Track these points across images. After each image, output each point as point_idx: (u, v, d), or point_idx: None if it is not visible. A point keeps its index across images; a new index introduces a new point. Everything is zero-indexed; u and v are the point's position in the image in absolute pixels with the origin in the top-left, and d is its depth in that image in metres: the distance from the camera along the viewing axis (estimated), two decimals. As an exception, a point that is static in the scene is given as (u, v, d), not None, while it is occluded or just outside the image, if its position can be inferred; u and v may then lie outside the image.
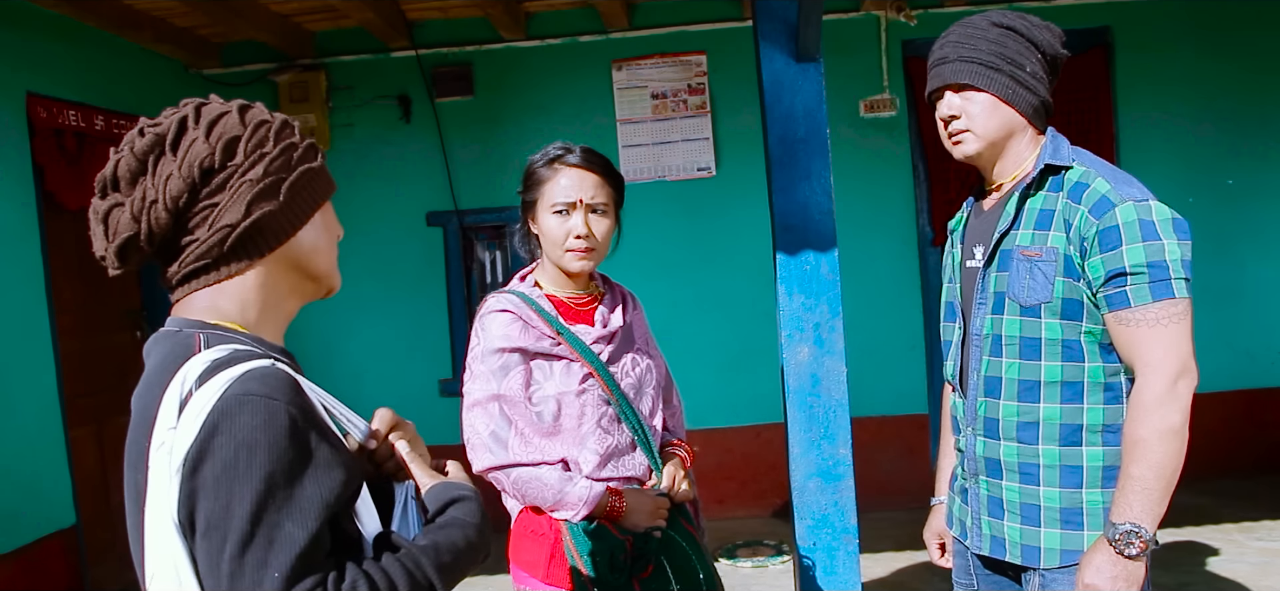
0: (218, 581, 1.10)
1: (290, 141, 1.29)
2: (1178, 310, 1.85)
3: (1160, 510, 1.85)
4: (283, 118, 1.31)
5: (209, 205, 1.22)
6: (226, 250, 1.23)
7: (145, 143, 1.22)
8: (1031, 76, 2.04)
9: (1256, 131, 5.78)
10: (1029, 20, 2.07)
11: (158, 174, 1.20)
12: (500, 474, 2.16)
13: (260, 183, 1.23)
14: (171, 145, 1.21)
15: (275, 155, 1.26)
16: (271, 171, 1.25)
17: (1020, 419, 2.00)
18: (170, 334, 1.23)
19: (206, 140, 1.22)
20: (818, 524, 3.31)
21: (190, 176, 1.20)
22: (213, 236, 1.22)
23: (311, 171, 1.31)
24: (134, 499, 1.19)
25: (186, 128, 1.23)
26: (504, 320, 2.19)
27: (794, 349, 3.29)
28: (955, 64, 2.06)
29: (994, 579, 2.16)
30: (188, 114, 1.25)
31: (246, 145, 1.24)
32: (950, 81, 2.07)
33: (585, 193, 2.18)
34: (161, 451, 1.12)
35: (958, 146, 2.09)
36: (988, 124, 2.04)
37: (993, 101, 2.03)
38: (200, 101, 1.28)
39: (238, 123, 1.25)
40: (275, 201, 1.25)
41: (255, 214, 1.23)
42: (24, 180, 4.35)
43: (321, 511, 1.12)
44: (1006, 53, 2.03)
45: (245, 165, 1.23)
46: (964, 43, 2.06)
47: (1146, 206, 1.88)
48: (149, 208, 1.19)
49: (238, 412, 1.10)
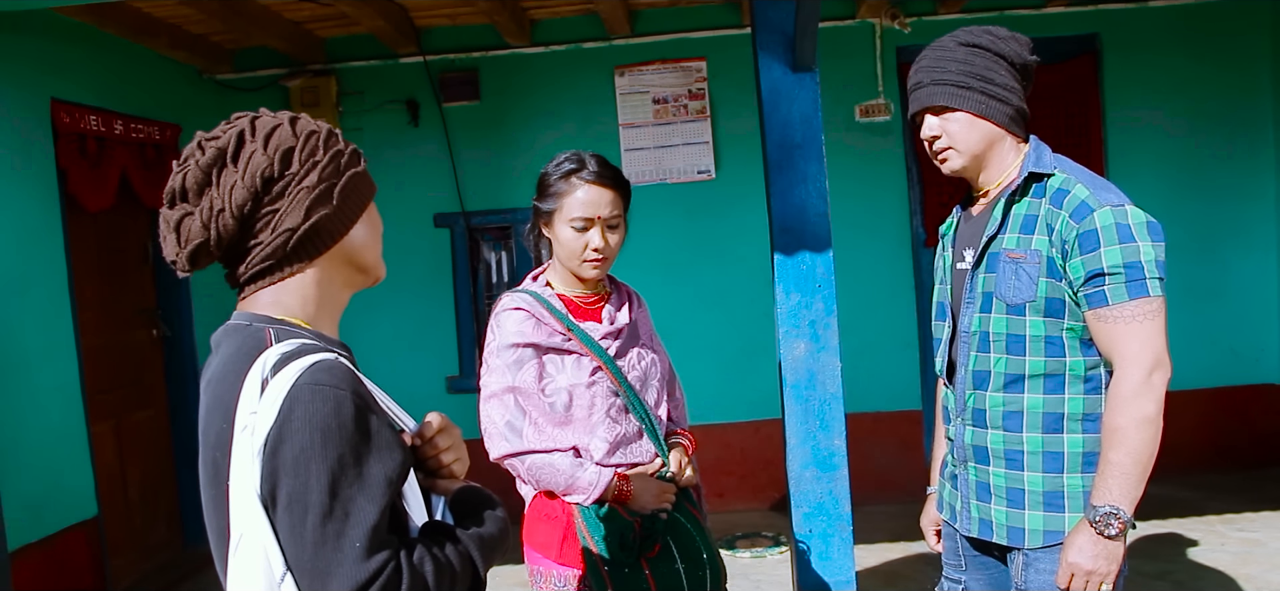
0: (301, 550, 1.21)
1: (337, 149, 1.40)
2: (1152, 307, 1.96)
3: (1137, 493, 1.97)
4: (328, 127, 1.42)
5: (271, 211, 1.34)
6: (289, 251, 1.35)
7: (208, 156, 1.33)
8: (1002, 88, 2.13)
9: (1241, 134, 5.88)
10: (994, 34, 2.16)
11: (222, 184, 1.32)
12: (515, 460, 2.28)
13: (316, 189, 1.35)
14: (232, 157, 1.33)
15: (326, 162, 1.37)
16: (324, 178, 1.36)
17: (1006, 408, 2.11)
18: (240, 327, 1.35)
19: (265, 151, 1.33)
20: (814, 511, 3.42)
21: (253, 185, 1.31)
22: (276, 239, 1.34)
23: (358, 175, 1.42)
24: (211, 475, 1.31)
25: (245, 141, 1.34)
26: (518, 317, 2.31)
27: (791, 345, 3.39)
28: (929, 88, 2.16)
29: (982, 559, 2.27)
30: (244, 128, 1.35)
31: (300, 154, 1.35)
32: (927, 105, 2.17)
33: (603, 209, 2.28)
34: (244, 434, 1.23)
35: (944, 164, 2.21)
36: (968, 139, 2.15)
37: (969, 118, 2.13)
38: (253, 115, 1.39)
39: (290, 134, 1.36)
40: (330, 205, 1.37)
41: (313, 217, 1.35)
42: (48, 183, 4.46)
43: (387, 489, 1.24)
44: (975, 70, 2.13)
45: (301, 173, 1.35)
46: (935, 67, 2.16)
47: (1123, 211, 1.98)
48: (217, 215, 1.32)
49: (310, 400, 1.22)
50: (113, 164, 4.85)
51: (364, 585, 1.19)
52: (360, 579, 1.19)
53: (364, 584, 1.19)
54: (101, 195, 4.75)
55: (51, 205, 4.49)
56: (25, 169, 4.32)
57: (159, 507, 5.48)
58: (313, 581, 1.20)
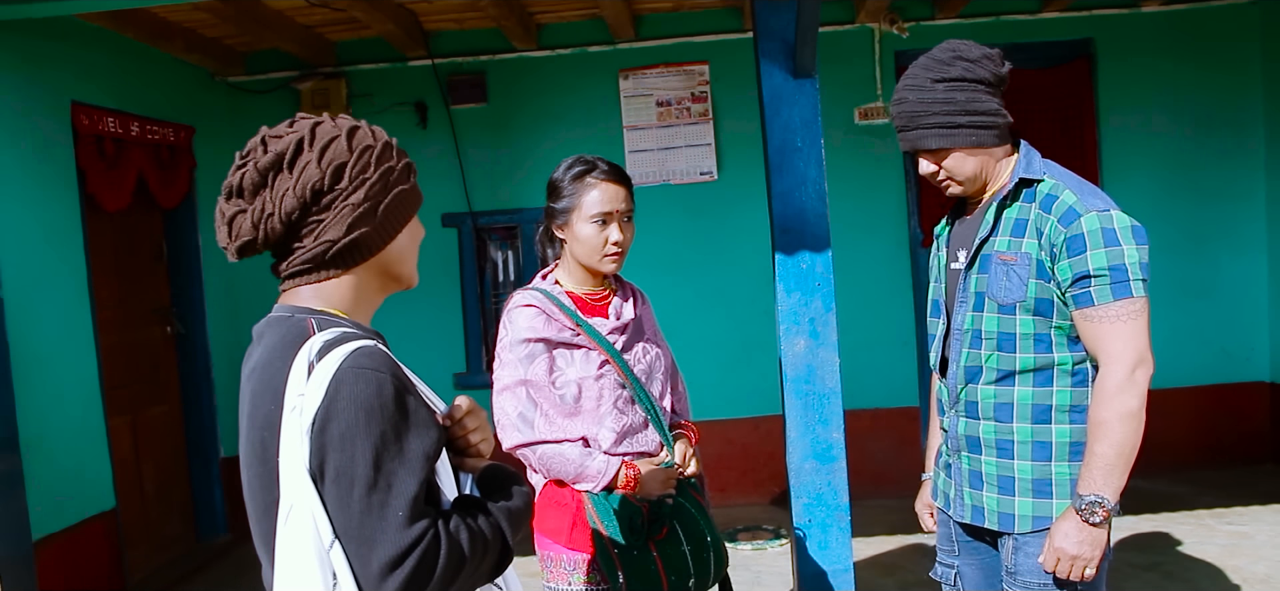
0: (349, 519, 1.30)
1: (388, 165, 1.47)
2: (1135, 307, 2.04)
3: (1121, 482, 2.06)
4: (384, 141, 1.49)
5: (316, 221, 1.43)
6: (328, 260, 1.46)
7: (267, 160, 1.42)
8: (987, 114, 2.18)
9: (1232, 136, 5.96)
10: (966, 59, 2.18)
11: (276, 189, 1.42)
12: (527, 450, 2.38)
13: (360, 207, 1.43)
14: (289, 164, 1.41)
15: (375, 180, 1.45)
16: (370, 196, 1.44)
17: (997, 401, 2.19)
18: (283, 318, 1.45)
19: (318, 165, 1.41)
20: (813, 502, 3.52)
21: (303, 196, 1.40)
22: (317, 247, 1.44)
23: (403, 193, 1.49)
24: (258, 453, 1.41)
25: (303, 149, 1.42)
26: (529, 314, 2.40)
27: (791, 341, 3.49)
28: (917, 132, 2.21)
29: (974, 545, 2.36)
30: (304, 135, 1.43)
31: (351, 170, 1.43)
32: (919, 148, 2.23)
33: (619, 204, 2.39)
34: (293, 414, 1.32)
35: (947, 191, 2.30)
36: (965, 170, 2.23)
37: (962, 154, 2.21)
38: (315, 121, 1.46)
39: (345, 148, 1.43)
40: (372, 223, 1.45)
41: (354, 234, 1.44)
42: (69, 184, 4.57)
43: (425, 463, 1.34)
44: (959, 106, 2.17)
45: (348, 190, 1.43)
46: (919, 111, 2.19)
47: (1109, 216, 2.06)
48: (266, 218, 1.42)
49: (354, 382, 1.31)
50: (130, 165, 4.96)
51: (406, 550, 1.29)
52: (403, 545, 1.29)
53: (406, 549, 1.29)
54: (119, 195, 4.85)
55: (72, 205, 4.59)
56: (47, 170, 4.43)
57: (173, 501, 5.58)
58: (359, 547, 1.30)
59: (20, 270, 4.17)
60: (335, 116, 1.50)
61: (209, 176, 5.72)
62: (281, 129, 1.47)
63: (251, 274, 5.86)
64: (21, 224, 4.22)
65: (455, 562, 1.34)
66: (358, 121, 1.50)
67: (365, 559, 1.30)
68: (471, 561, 1.36)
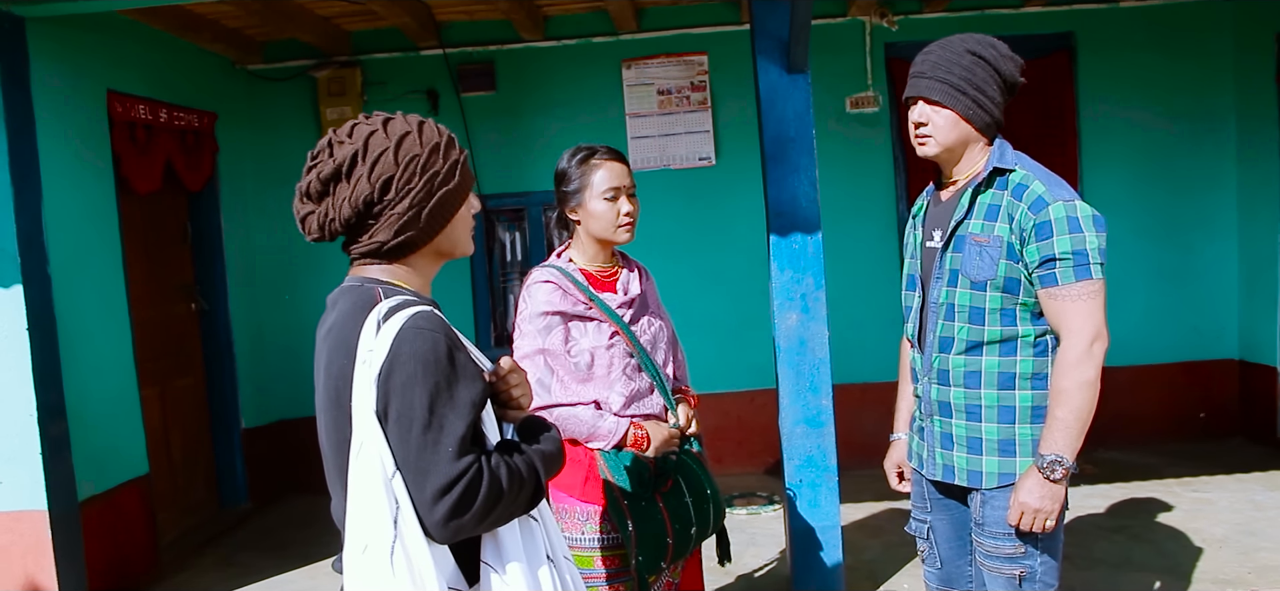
0: (408, 453, 1.52)
1: (434, 170, 1.66)
2: (1094, 288, 2.20)
3: (1078, 443, 2.25)
4: (432, 144, 1.67)
5: (371, 224, 1.66)
6: (383, 252, 1.71)
7: (329, 171, 1.63)
8: (990, 100, 2.34)
9: (1205, 126, 6.13)
10: (997, 50, 2.34)
11: (336, 197, 1.66)
12: (544, 413, 2.55)
13: (405, 215, 1.64)
14: (346, 175, 1.63)
15: (419, 189, 1.64)
16: (414, 204, 1.64)
17: (966, 369, 2.35)
18: (354, 288, 1.70)
19: (369, 180, 1.62)
20: (804, 464, 3.78)
21: (356, 205, 1.63)
22: (372, 244, 1.67)
23: (449, 192, 1.68)
24: (333, 399, 1.64)
25: (356, 163, 1.62)
26: (547, 289, 2.59)
27: (784, 315, 3.73)
28: (930, 81, 2.35)
29: (945, 502, 2.53)
30: (359, 149, 1.63)
31: (398, 182, 1.63)
32: (923, 95, 2.37)
33: (625, 179, 2.60)
34: (363, 366, 1.54)
35: (921, 146, 2.43)
36: (948, 135, 2.37)
37: (955, 118, 2.35)
38: (370, 131, 1.65)
39: (392, 162, 1.62)
40: (416, 227, 1.66)
41: (401, 238, 1.66)
42: (105, 168, 4.78)
43: (471, 409, 1.56)
44: (974, 79, 2.32)
45: (395, 199, 1.63)
46: (941, 64, 2.34)
47: (1073, 205, 2.21)
48: (328, 221, 1.68)
49: (414, 340, 1.54)
50: (159, 149, 5.17)
51: (454, 480, 1.51)
52: (452, 475, 1.52)
53: (454, 479, 1.51)
54: (149, 179, 5.07)
55: (108, 188, 4.80)
56: (87, 155, 4.64)
57: (198, 469, 5.82)
58: (416, 477, 1.54)
59: (65, 250, 4.38)
60: (390, 121, 1.67)
61: (230, 160, 5.92)
62: (344, 132, 1.68)
63: (269, 255, 6.13)
64: (66, 206, 4.42)
65: (495, 492, 1.56)
66: (410, 125, 1.68)
67: (420, 486, 1.52)
68: (510, 492, 1.59)
